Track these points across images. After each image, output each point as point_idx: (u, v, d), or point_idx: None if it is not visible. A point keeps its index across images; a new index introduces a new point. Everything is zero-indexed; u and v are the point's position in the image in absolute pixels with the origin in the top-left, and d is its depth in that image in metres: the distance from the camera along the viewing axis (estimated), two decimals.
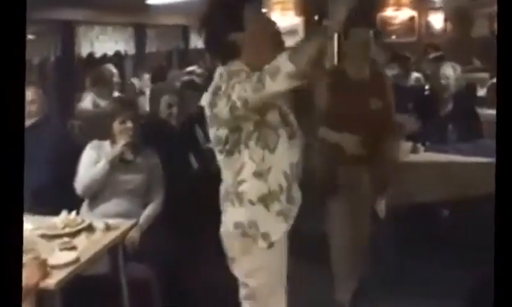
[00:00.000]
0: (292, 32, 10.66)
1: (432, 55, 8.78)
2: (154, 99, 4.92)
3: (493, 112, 5.78)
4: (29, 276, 2.46)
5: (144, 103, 6.68)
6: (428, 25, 12.84)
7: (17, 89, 1.37)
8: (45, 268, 2.62)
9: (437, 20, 12.78)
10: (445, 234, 4.65)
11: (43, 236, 3.12)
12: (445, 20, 12.64)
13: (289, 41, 2.45)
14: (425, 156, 4.51)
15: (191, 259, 3.97)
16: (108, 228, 3.24)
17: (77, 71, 7.56)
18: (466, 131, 4.77)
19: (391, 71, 8.46)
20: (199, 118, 4.68)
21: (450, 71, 4.90)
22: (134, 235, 3.59)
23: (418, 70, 8.49)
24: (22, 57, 1.39)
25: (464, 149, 4.52)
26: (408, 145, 4.53)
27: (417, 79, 7.99)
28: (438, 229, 4.54)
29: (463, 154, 4.46)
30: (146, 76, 8.08)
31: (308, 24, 12.33)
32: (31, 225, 3.21)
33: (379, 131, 3.58)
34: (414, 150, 4.49)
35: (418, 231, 4.09)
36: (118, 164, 3.82)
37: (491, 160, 4.30)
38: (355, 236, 3.64)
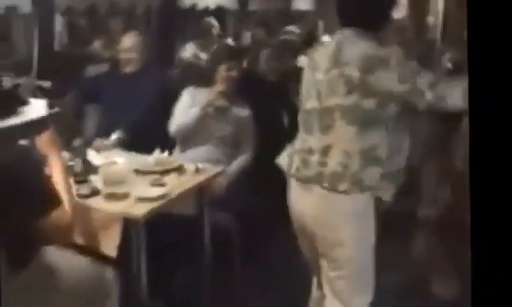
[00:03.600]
0: None
1: None
2: (254, 53, 4.98)
3: None
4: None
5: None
6: None
7: None
8: None
9: None
10: None
11: (136, 171, 3.27)
12: None
13: None
14: None
15: (271, 218, 4.01)
16: (198, 170, 3.35)
17: (178, 22, 7.68)
18: None
19: None
20: (294, 78, 4.69)
21: None
22: (221, 181, 3.67)
23: None
24: None
25: None
26: None
27: None
28: None
29: None
30: (247, 34, 8.12)
31: None
32: (125, 160, 3.37)
33: None
34: None
35: None
36: (213, 111, 3.88)
37: None
38: None
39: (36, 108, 2.21)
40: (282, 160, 2.65)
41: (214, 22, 6.97)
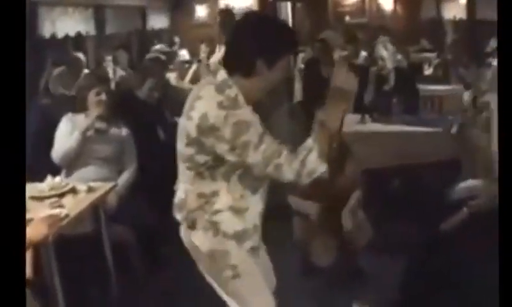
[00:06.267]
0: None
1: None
2: (125, 75, 5.24)
3: (436, 87, 6.34)
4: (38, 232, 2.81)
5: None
6: (378, 7, 13.21)
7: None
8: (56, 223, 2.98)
9: (387, 2, 13.16)
10: (395, 198, 5.10)
11: (32, 198, 3.43)
12: (395, 1, 13.04)
13: None
14: (372, 126, 4.96)
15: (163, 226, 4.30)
16: (90, 189, 3.58)
17: (40, 52, 7.66)
18: (409, 104, 5.28)
19: (342, 52, 8.90)
20: (165, 94, 5.06)
21: (382, 50, 5.43)
22: (112, 197, 3.89)
23: (366, 50, 8.93)
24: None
25: (408, 121, 5.00)
26: (356, 117, 4.97)
27: (366, 58, 8.42)
28: (388, 193, 4.99)
29: (407, 124, 4.92)
30: (109, 57, 8.23)
31: (262, 4, 12.57)
32: None
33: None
34: (362, 121, 4.94)
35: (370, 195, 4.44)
36: (93, 134, 4.09)
37: (432, 130, 4.79)
38: None
39: None
40: None
41: (81, 56, 7.08)
